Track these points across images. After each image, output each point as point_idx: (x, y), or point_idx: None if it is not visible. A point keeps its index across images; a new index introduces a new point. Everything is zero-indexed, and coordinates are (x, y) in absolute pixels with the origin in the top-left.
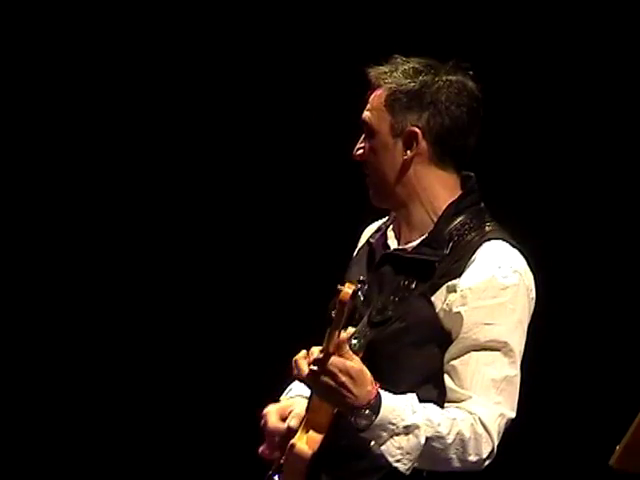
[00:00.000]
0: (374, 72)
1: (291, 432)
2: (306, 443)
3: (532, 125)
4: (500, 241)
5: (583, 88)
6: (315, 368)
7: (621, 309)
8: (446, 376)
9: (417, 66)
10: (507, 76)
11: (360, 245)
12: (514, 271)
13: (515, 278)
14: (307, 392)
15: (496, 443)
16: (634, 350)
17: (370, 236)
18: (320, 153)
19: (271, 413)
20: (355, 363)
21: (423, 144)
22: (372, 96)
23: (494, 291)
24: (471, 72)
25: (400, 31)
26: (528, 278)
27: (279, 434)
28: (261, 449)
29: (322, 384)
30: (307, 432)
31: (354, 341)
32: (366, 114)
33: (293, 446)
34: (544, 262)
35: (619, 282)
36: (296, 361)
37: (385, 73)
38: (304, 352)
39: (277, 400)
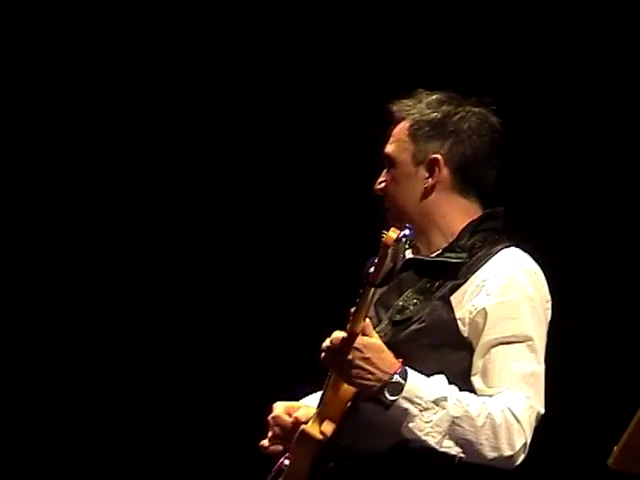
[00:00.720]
0: (397, 106)
1: (297, 425)
2: (317, 430)
3: (550, 158)
4: (515, 248)
5: (591, 100)
6: (343, 348)
7: (618, 311)
8: (476, 378)
9: (441, 97)
10: (523, 110)
11: None
12: (534, 271)
13: (535, 278)
14: (313, 402)
15: (529, 437)
16: (632, 351)
17: None
18: (340, 177)
19: (278, 406)
20: (379, 340)
21: (445, 171)
22: (395, 129)
23: (517, 287)
24: (493, 107)
25: (419, 67)
26: (545, 284)
27: (282, 425)
28: (261, 443)
29: (349, 362)
30: (319, 421)
31: None
32: (388, 147)
33: (303, 430)
34: (563, 291)
35: (618, 287)
36: (325, 344)
37: (409, 106)
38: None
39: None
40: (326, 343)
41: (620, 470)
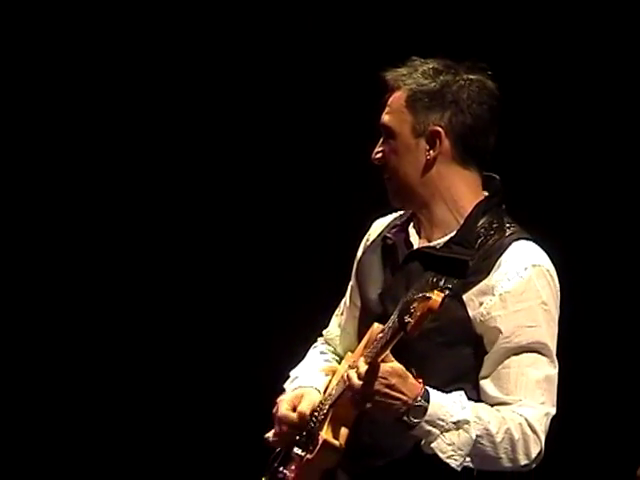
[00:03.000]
0: (392, 75)
1: (304, 419)
2: (335, 437)
3: (546, 125)
4: (527, 241)
5: (601, 88)
6: (367, 379)
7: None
8: (488, 383)
9: (436, 66)
10: (521, 76)
11: (371, 239)
12: (547, 270)
13: (548, 278)
14: (314, 383)
15: (543, 442)
16: None
17: (384, 231)
18: (332, 153)
19: (283, 402)
20: (399, 364)
21: (446, 143)
22: (391, 99)
23: (532, 292)
24: (489, 72)
25: (412, 34)
26: (556, 277)
27: (288, 422)
28: (267, 435)
29: (376, 391)
30: (334, 427)
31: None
32: (385, 117)
33: (325, 441)
34: (561, 261)
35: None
36: (348, 375)
37: (404, 75)
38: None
39: (279, 392)
40: (351, 376)
41: None
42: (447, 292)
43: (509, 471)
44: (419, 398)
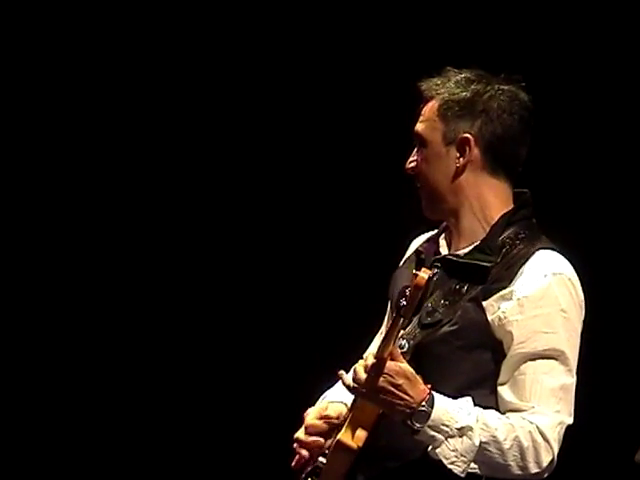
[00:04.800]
0: (426, 84)
1: (330, 424)
2: (352, 439)
3: (571, 137)
4: (551, 251)
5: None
6: (373, 374)
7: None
8: (505, 389)
9: (469, 76)
10: (555, 90)
11: (406, 256)
12: (568, 279)
13: (569, 286)
14: (342, 398)
15: (556, 452)
16: None
17: (419, 246)
18: (371, 165)
19: (310, 414)
20: (408, 365)
21: (475, 151)
22: (425, 108)
23: (551, 299)
24: (523, 83)
25: (449, 45)
26: (579, 287)
27: (318, 431)
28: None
29: (381, 388)
30: (352, 429)
31: (402, 342)
32: (418, 126)
33: (339, 441)
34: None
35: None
36: (354, 369)
37: (437, 85)
38: (360, 361)
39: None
40: (358, 370)
41: None
42: (435, 270)
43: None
44: (423, 403)
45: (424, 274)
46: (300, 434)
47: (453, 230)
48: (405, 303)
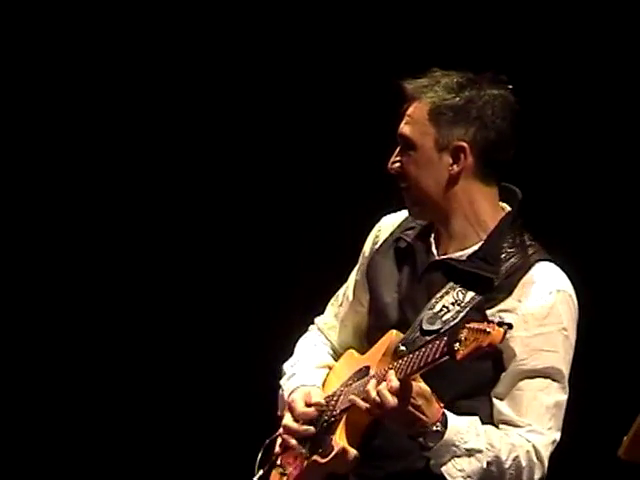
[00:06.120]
0: (412, 85)
1: (319, 410)
2: (350, 444)
3: (557, 137)
4: (550, 263)
5: (623, 107)
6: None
7: (631, 304)
8: (502, 403)
9: (460, 80)
10: (540, 90)
11: (382, 237)
12: (569, 295)
13: (570, 304)
14: (315, 381)
15: (546, 468)
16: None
17: (396, 231)
18: (347, 159)
19: (297, 400)
20: (426, 387)
21: (470, 158)
22: (411, 109)
23: (555, 318)
24: (510, 86)
25: (433, 45)
26: (576, 301)
27: (307, 418)
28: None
29: (403, 411)
30: (347, 432)
31: (402, 347)
32: (405, 128)
33: (343, 449)
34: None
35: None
36: (379, 391)
37: (425, 86)
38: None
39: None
40: (384, 394)
41: (630, 460)
42: (506, 327)
43: None
44: (438, 424)
45: (498, 333)
46: (289, 421)
47: (443, 232)
48: (462, 350)
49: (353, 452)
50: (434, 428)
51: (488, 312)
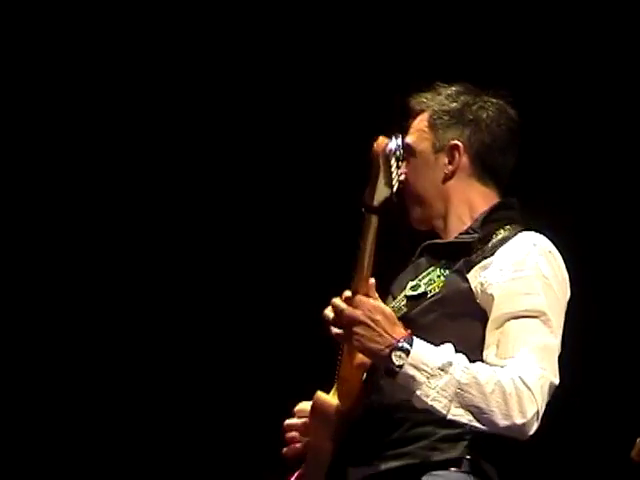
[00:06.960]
0: (417, 99)
1: None
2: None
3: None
4: (534, 232)
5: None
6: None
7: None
8: (487, 352)
9: (459, 89)
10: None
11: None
12: (548, 251)
13: (550, 258)
14: None
15: (540, 405)
16: None
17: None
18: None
19: (302, 404)
20: (385, 305)
21: (464, 158)
22: (414, 121)
23: (531, 264)
24: (510, 99)
25: (435, 62)
26: (562, 263)
27: (306, 414)
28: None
29: (358, 321)
30: (340, 392)
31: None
32: (408, 138)
33: (318, 397)
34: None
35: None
36: (333, 301)
37: (427, 98)
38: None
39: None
40: (336, 304)
41: None
42: (397, 140)
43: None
44: (402, 340)
45: (382, 141)
46: (289, 420)
47: (442, 235)
48: (367, 192)
49: (326, 397)
50: (399, 344)
51: (469, 273)
